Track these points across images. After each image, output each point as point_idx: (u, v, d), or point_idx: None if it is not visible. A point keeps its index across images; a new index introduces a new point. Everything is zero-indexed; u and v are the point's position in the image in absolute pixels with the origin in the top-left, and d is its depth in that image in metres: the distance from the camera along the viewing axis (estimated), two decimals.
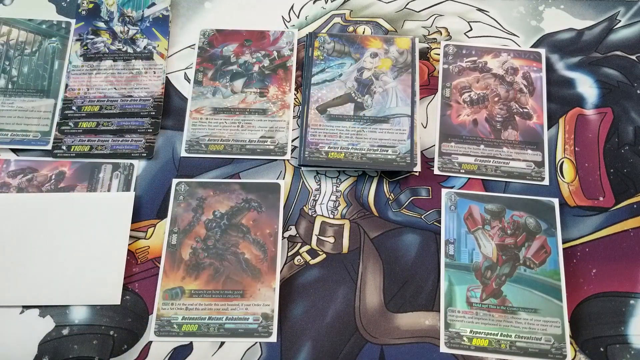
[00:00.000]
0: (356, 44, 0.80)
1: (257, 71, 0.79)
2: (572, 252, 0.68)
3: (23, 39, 0.81)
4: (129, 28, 0.81)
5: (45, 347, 0.64)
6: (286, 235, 0.70)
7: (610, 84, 0.78)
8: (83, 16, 0.83)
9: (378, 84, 0.77)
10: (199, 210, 0.70)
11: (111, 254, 0.67)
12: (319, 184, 0.73)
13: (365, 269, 0.68)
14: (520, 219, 0.69)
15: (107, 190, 0.72)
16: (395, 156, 0.72)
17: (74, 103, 0.76)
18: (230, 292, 0.66)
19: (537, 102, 0.77)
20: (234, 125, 0.75)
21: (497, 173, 0.73)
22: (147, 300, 0.66)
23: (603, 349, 0.64)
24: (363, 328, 0.65)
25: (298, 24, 0.83)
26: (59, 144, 0.74)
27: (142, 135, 0.75)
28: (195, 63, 0.80)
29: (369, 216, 0.71)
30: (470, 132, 0.75)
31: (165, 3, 0.83)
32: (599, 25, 0.82)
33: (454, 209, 0.70)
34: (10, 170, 0.73)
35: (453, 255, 0.68)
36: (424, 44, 0.81)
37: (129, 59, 0.80)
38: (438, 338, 0.64)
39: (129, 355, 0.63)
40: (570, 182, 0.72)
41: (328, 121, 0.74)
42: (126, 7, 0.83)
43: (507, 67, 0.79)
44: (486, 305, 0.65)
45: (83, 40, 0.81)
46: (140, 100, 0.77)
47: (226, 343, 0.64)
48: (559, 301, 0.65)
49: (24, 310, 0.65)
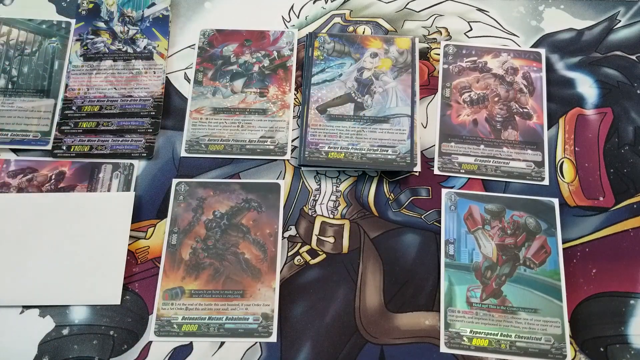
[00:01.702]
0: (356, 44, 0.80)
1: (257, 71, 0.79)
2: (572, 252, 0.68)
3: (23, 39, 0.81)
4: (129, 28, 0.81)
5: (45, 347, 0.64)
6: (286, 235, 0.70)
7: (610, 84, 0.78)
8: (83, 16, 0.83)
9: (378, 84, 0.77)
10: (199, 210, 0.70)
11: (111, 254, 0.67)
12: (319, 184, 0.73)
13: (365, 269, 0.68)
14: (520, 219, 0.69)
15: (107, 190, 0.72)
16: (395, 156, 0.72)
17: (74, 103, 0.76)
18: (230, 292, 0.66)
19: (537, 102, 0.77)
20: (234, 125, 0.75)
21: (497, 173, 0.73)
22: (147, 300, 0.66)
23: (603, 349, 0.64)
24: (363, 328, 0.65)
25: (298, 24, 0.83)
26: (59, 144, 0.74)
27: (142, 135, 0.75)
28: (195, 63, 0.80)
29: (369, 216, 0.71)
30: (470, 132, 0.75)
31: (165, 3, 0.83)
32: (599, 25, 0.82)
33: (454, 209, 0.70)
34: (10, 170, 0.73)
35: (453, 255, 0.68)
36: (424, 44, 0.81)
37: (129, 59, 0.80)
38: (438, 338, 0.64)
39: (129, 355, 0.63)
40: (570, 182, 0.72)
41: (328, 121, 0.74)
42: (126, 7, 0.83)
43: (507, 67, 0.79)
44: (486, 305, 0.65)
45: (83, 40, 0.81)
46: (140, 100, 0.77)
47: (226, 343, 0.64)
48: (559, 301, 0.65)
49: (24, 310, 0.65)
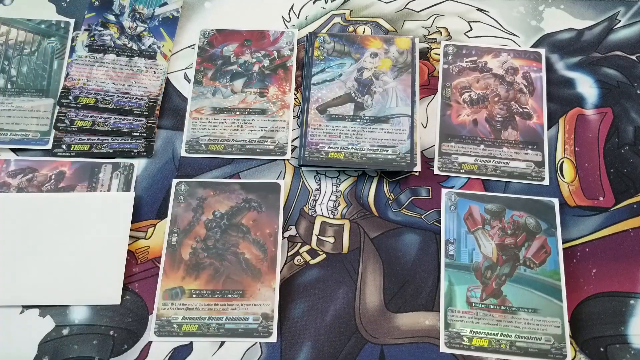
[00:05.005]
0: (356, 44, 0.80)
1: (257, 71, 0.79)
2: (572, 252, 0.68)
3: (22, 39, 0.81)
4: (137, 24, 0.81)
5: (45, 347, 0.64)
6: (286, 235, 0.70)
7: (610, 84, 0.78)
8: (95, 7, 0.82)
9: (378, 84, 0.77)
10: (199, 210, 0.70)
11: (111, 254, 0.67)
12: (319, 184, 0.73)
13: (365, 269, 0.68)
14: (520, 219, 0.69)
15: (107, 190, 0.72)
16: (395, 156, 0.72)
17: (72, 92, 0.76)
18: (230, 292, 0.66)
19: (537, 102, 0.77)
20: (234, 125, 0.75)
21: (497, 173, 0.73)
22: (147, 300, 0.66)
23: (603, 349, 0.64)
24: (363, 328, 0.65)
25: (298, 24, 0.83)
26: (58, 143, 0.74)
27: (136, 139, 0.74)
28: (195, 63, 0.80)
29: (369, 216, 0.71)
30: (470, 132, 0.75)
31: (177, 4, 0.83)
32: (599, 25, 0.82)
33: (454, 209, 0.70)
34: (10, 170, 0.72)
35: (453, 255, 0.68)
36: (424, 44, 0.81)
37: (132, 55, 0.79)
38: (438, 338, 0.64)
39: (129, 355, 0.63)
40: (570, 182, 0.72)
41: (328, 121, 0.74)
42: (138, 3, 0.83)
43: (507, 67, 0.79)
44: (486, 305, 0.65)
45: (91, 31, 0.80)
46: (136, 99, 0.77)
47: (226, 343, 0.64)
48: (559, 301, 0.65)
49: (24, 310, 0.65)
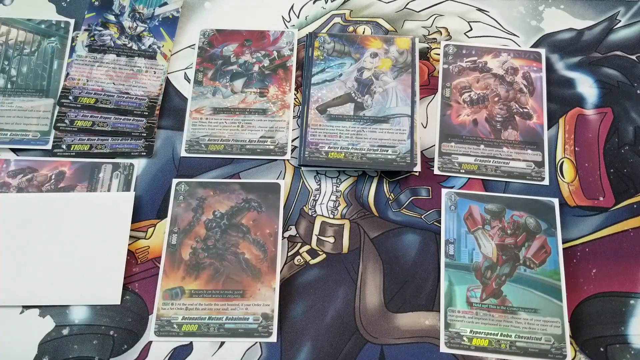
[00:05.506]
0: (356, 44, 0.80)
1: (257, 71, 0.79)
2: (572, 252, 0.68)
3: (22, 39, 0.81)
4: (137, 24, 0.81)
5: (45, 347, 0.64)
6: (286, 235, 0.70)
7: (610, 84, 0.78)
8: (95, 7, 0.82)
9: (378, 84, 0.77)
10: (199, 210, 0.70)
11: (111, 254, 0.67)
12: (319, 184, 0.73)
13: (365, 269, 0.68)
14: (520, 219, 0.69)
15: (107, 190, 0.72)
16: (395, 156, 0.72)
17: (72, 92, 0.76)
18: (230, 292, 0.66)
19: (537, 102, 0.77)
20: (234, 125, 0.75)
21: (497, 173, 0.73)
22: (147, 300, 0.66)
23: (603, 349, 0.64)
24: (363, 328, 0.65)
25: (298, 24, 0.83)
26: (58, 143, 0.74)
27: (136, 139, 0.74)
28: (195, 63, 0.80)
29: (369, 216, 0.71)
30: (470, 132, 0.75)
31: (177, 4, 0.83)
32: (599, 25, 0.82)
33: (454, 209, 0.70)
34: (10, 170, 0.72)
35: (453, 255, 0.68)
36: (424, 44, 0.81)
37: (132, 55, 0.79)
38: (438, 338, 0.64)
39: (129, 355, 0.63)
40: (570, 182, 0.72)
41: (328, 121, 0.74)
42: (138, 3, 0.83)
43: (507, 67, 0.79)
44: (486, 305, 0.65)
45: (91, 31, 0.80)
46: (136, 99, 0.77)
47: (226, 343, 0.64)
48: (559, 301, 0.65)
49: (24, 310, 0.65)
